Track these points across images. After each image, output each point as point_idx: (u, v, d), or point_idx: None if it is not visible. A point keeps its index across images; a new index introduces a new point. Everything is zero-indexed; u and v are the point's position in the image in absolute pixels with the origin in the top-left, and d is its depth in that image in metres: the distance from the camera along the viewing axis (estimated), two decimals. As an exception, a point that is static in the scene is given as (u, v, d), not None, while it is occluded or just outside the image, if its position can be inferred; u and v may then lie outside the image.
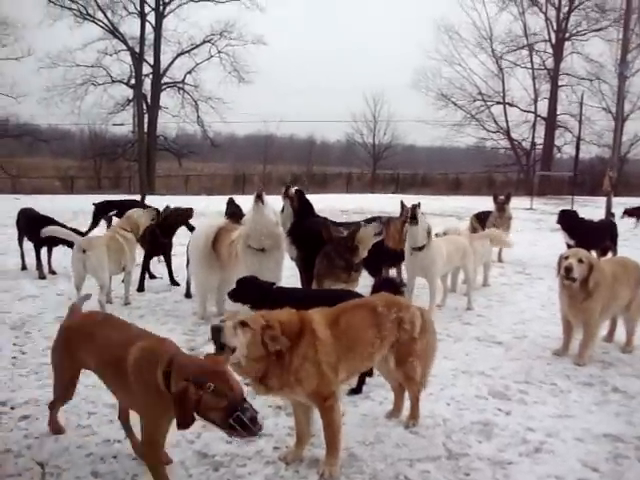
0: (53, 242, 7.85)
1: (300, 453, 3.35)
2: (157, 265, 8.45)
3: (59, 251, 8.31)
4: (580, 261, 5.01)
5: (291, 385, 3.06)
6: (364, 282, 6.84)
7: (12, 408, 3.95)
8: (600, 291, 5.03)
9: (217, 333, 2.89)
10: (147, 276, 8.06)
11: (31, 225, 8.21)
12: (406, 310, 3.57)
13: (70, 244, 6.76)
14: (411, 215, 6.29)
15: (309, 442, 3.43)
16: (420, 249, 6.35)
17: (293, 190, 6.52)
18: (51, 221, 7.95)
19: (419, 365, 3.63)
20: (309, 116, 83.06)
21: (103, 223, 10.72)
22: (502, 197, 10.41)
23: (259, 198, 5.56)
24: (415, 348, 3.56)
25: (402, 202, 7.76)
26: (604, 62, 36.08)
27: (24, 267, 8.52)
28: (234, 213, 7.20)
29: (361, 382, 4.28)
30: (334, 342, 3.21)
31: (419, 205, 7.71)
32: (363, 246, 5.53)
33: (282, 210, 6.43)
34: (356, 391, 4.25)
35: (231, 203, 8.08)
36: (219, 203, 8.70)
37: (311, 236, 6.05)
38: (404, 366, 3.57)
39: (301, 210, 6.33)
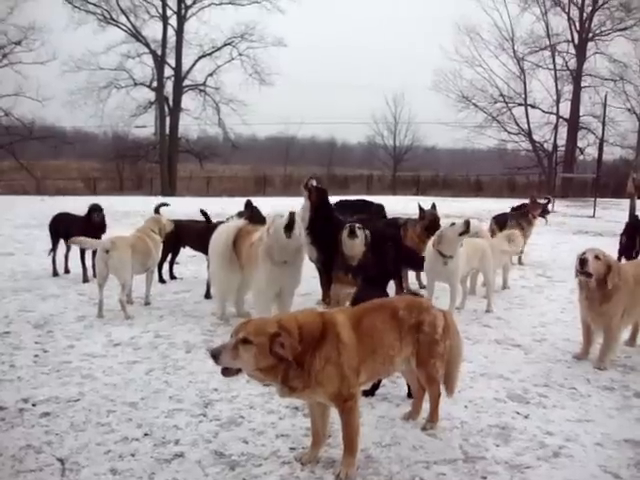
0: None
1: (316, 454, 3.35)
2: (176, 266, 8.53)
3: (77, 251, 8.35)
4: (597, 258, 4.94)
5: (313, 386, 3.05)
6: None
7: (34, 405, 4.02)
8: (620, 295, 4.95)
9: (216, 359, 2.88)
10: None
11: (74, 229, 7.99)
12: (427, 312, 3.54)
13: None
14: (465, 229, 6.12)
15: (325, 443, 3.43)
16: (449, 257, 6.24)
17: (314, 182, 6.51)
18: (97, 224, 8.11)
19: (441, 367, 3.61)
20: (330, 117, 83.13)
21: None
22: (542, 202, 10.41)
23: (290, 228, 5.37)
24: (437, 350, 3.53)
25: (420, 205, 7.73)
26: (628, 62, 35.79)
27: (55, 273, 8.39)
28: (252, 216, 7.22)
29: (374, 385, 4.20)
30: (357, 344, 3.19)
31: (434, 206, 7.70)
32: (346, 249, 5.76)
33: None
34: (367, 394, 4.16)
35: (248, 206, 8.13)
36: (239, 205, 8.70)
37: (329, 239, 6.07)
38: (426, 367, 3.55)
39: (319, 207, 6.27)
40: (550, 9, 37.91)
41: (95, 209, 8.24)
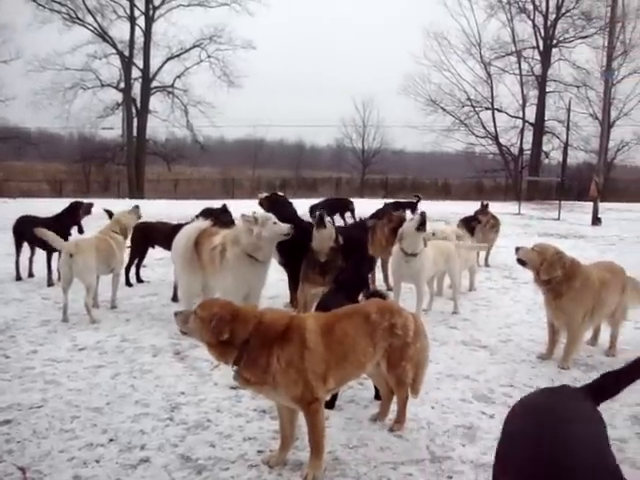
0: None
1: (284, 456, 3.35)
2: (144, 269, 8.43)
3: (40, 256, 8.20)
4: (533, 249, 5.28)
5: (271, 385, 3.07)
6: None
7: (-6, 412, 3.93)
8: (575, 294, 5.08)
9: (175, 317, 3.21)
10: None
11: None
12: (399, 315, 3.56)
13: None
14: (421, 221, 6.15)
15: (293, 445, 3.43)
16: (414, 255, 6.26)
17: (262, 195, 6.95)
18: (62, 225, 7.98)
19: (411, 370, 3.63)
20: (298, 121, 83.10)
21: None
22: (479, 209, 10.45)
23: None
24: (408, 353, 3.55)
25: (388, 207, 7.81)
26: (591, 69, 36.53)
27: (19, 277, 8.22)
28: (227, 221, 7.19)
29: (333, 397, 4.06)
30: (325, 351, 3.18)
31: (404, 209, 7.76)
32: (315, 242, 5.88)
33: None
34: (326, 406, 3.96)
35: (224, 212, 8.06)
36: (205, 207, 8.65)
37: (293, 242, 6.09)
38: (396, 370, 3.56)
39: (275, 212, 6.26)
40: (515, 16, 38.62)
41: (78, 206, 8.38)
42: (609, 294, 5.28)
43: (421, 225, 6.14)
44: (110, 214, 7.25)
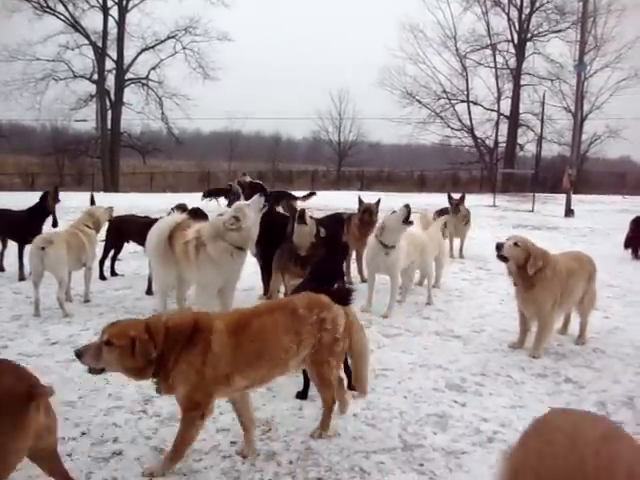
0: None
1: (252, 443, 3.33)
2: (118, 262, 8.35)
3: (11, 249, 8.13)
4: (515, 244, 5.23)
5: (170, 384, 3.01)
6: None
7: (-36, 408, 3.87)
8: (547, 283, 5.16)
9: (80, 358, 2.97)
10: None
11: (16, 224, 7.98)
12: (328, 310, 3.40)
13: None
14: (407, 215, 6.09)
15: (255, 428, 3.42)
16: (391, 247, 6.26)
17: (247, 178, 6.72)
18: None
19: (337, 367, 3.52)
20: (275, 113, 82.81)
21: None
22: (456, 198, 10.49)
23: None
24: (335, 349, 3.41)
25: (360, 198, 7.85)
26: (564, 62, 37.04)
27: (2, 269, 8.19)
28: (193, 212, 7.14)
29: (305, 387, 4.13)
30: (232, 352, 3.06)
31: (379, 202, 7.81)
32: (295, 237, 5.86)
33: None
34: (299, 396, 4.13)
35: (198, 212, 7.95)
36: (182, 201, 8.60)
37: (268, 233, 6.10)
38: (319, 367, 3.40)
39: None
40: (490, 9, 39.03)
41: (46, 196, 8.19)
42: (576, 282, 5.39)
43: (407, 218, 6.10)
44: (92, 201, 7.27)
